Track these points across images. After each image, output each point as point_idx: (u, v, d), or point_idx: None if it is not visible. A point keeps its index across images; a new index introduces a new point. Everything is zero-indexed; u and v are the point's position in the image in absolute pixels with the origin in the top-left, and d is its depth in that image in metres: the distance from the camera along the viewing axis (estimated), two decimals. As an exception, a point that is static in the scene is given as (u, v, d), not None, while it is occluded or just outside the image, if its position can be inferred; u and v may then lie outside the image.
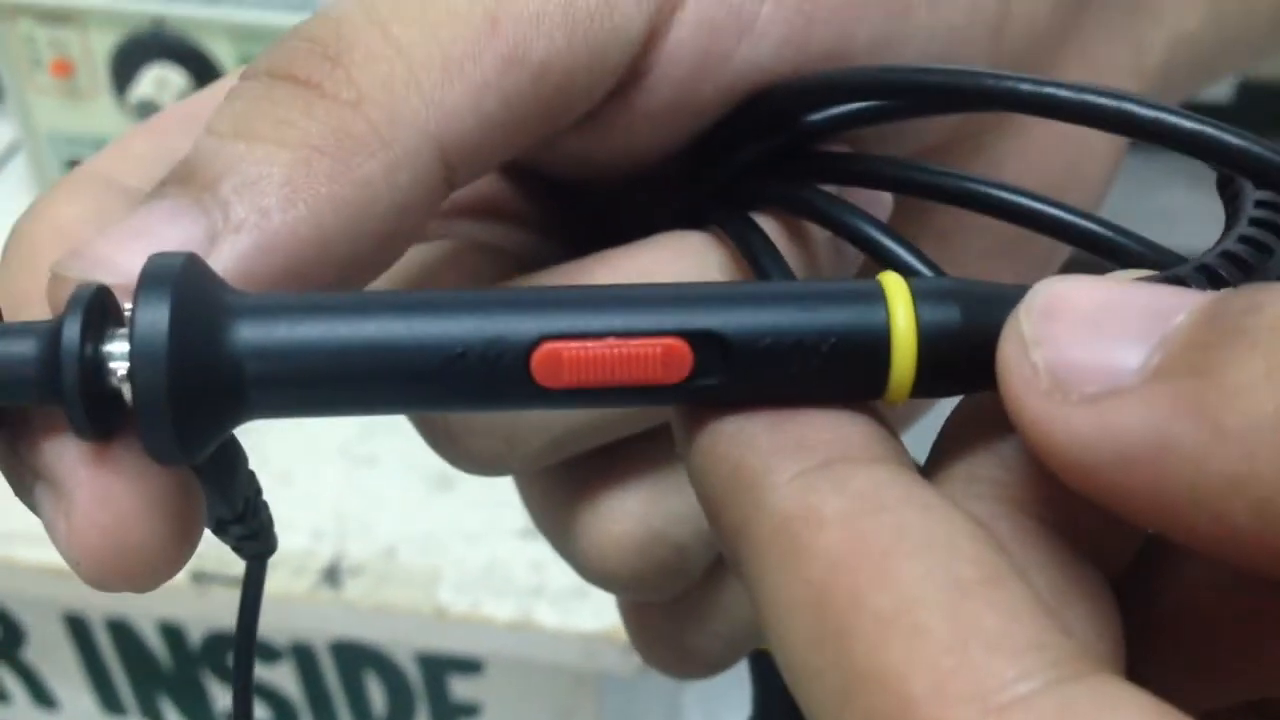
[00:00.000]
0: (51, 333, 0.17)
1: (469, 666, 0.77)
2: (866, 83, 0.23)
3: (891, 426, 0.19)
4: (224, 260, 0.19)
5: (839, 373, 0.18)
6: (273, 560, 0.80)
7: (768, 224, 0.24)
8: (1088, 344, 0.16)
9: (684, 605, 0.28)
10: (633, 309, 0.18)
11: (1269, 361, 0.14)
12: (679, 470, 0.26)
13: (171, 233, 0.19)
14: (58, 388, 0.17)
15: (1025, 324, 0.17)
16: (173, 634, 0.80)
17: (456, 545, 0.74)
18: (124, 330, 0.17)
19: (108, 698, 0.86)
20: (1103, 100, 0.19)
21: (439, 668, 0.78)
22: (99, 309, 0.17)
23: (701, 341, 0.18)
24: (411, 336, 0.17)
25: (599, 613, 0.70)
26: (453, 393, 0.18)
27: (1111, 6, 0.30)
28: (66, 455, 0.18)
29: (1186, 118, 0.19)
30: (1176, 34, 0.31)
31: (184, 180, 0.20)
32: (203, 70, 0.82)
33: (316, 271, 0.19)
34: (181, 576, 0.74)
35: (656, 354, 0.18)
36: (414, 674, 0.79)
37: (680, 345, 0.18)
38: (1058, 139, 0.29)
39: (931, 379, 0.18)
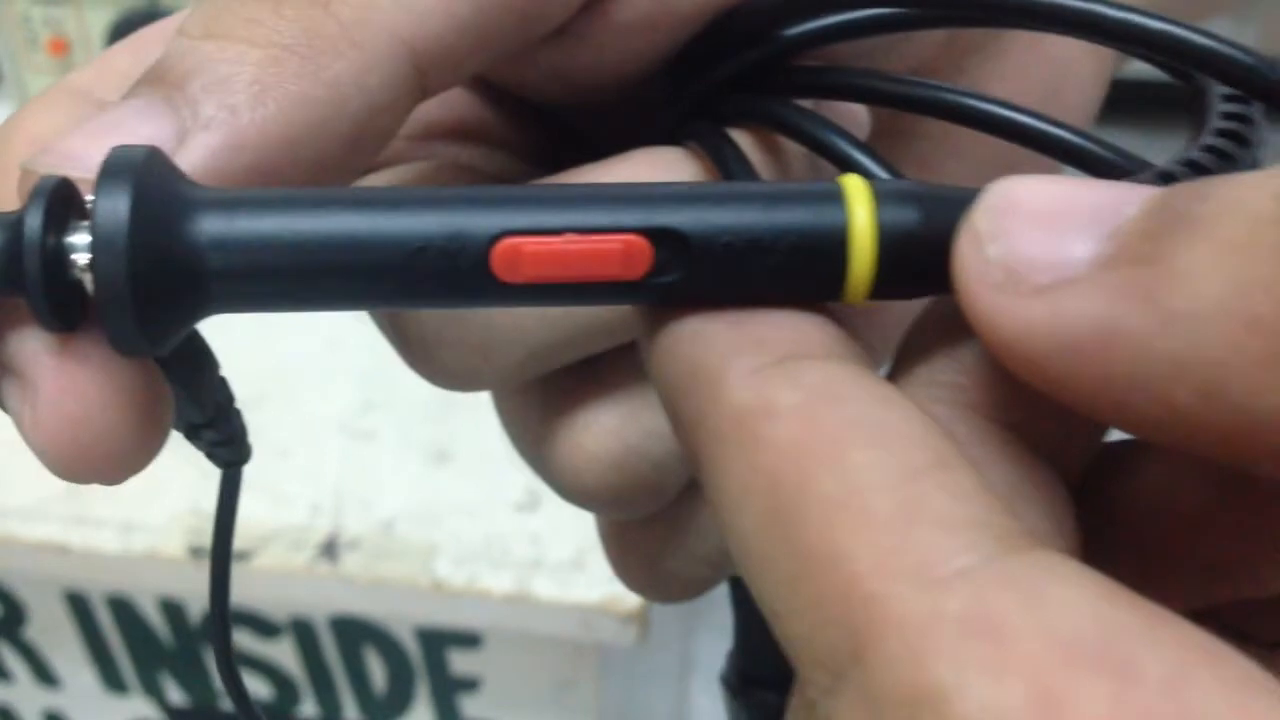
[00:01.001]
0: (13, 224, 0.17)
1: (468, 640, 0.77)
2: None
3: (853, 329, 0.19)
4: (193, 157, 0.19)
5: (798, 271, 0.18)
6: (270, 534, 0.80)
7: (743, 139, 0.24)
8: (1040, 237, 0.16)
9: (661, 524, 0.28)
10: (593, 206, 0.18)
11: (1214, 246, 0.14)
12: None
13: (141, 129, 0.19)
14: (20, 278, 0.17)
15: (980, 219, 0.17)
16: (173, 610, 0.80)
17: (454, 519, 0.74)
18: (86, 222, 0.17)
19: (109, 675, 0.86)
20: (1073, 4, 0.19)
21: (438, 642, 0.78)
22: (62, 201, 0.17)
23: (661, 238, 0.18)
24: (373, 231, 0.18)
25: (597, 584, 0.70)
26: (414, 287, 0.18)
27: None
28: (30, 345, 0.18)
29: (1155, 18, 0.19)
30: None
31: (155, 80, 0.20)
32: (198, 47, 0.82)
33: (285, 171, 0.19)
34: (181, 552, 0.74)
35: (616, 250, 0.18)
36: (413, 648, 0.79)
37: (640, 241, 0.18)
38: (1040, 63, 0.29)
39: (890, 280, 0.18)
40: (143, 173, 0.17)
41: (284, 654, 0.81)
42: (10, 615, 0.84)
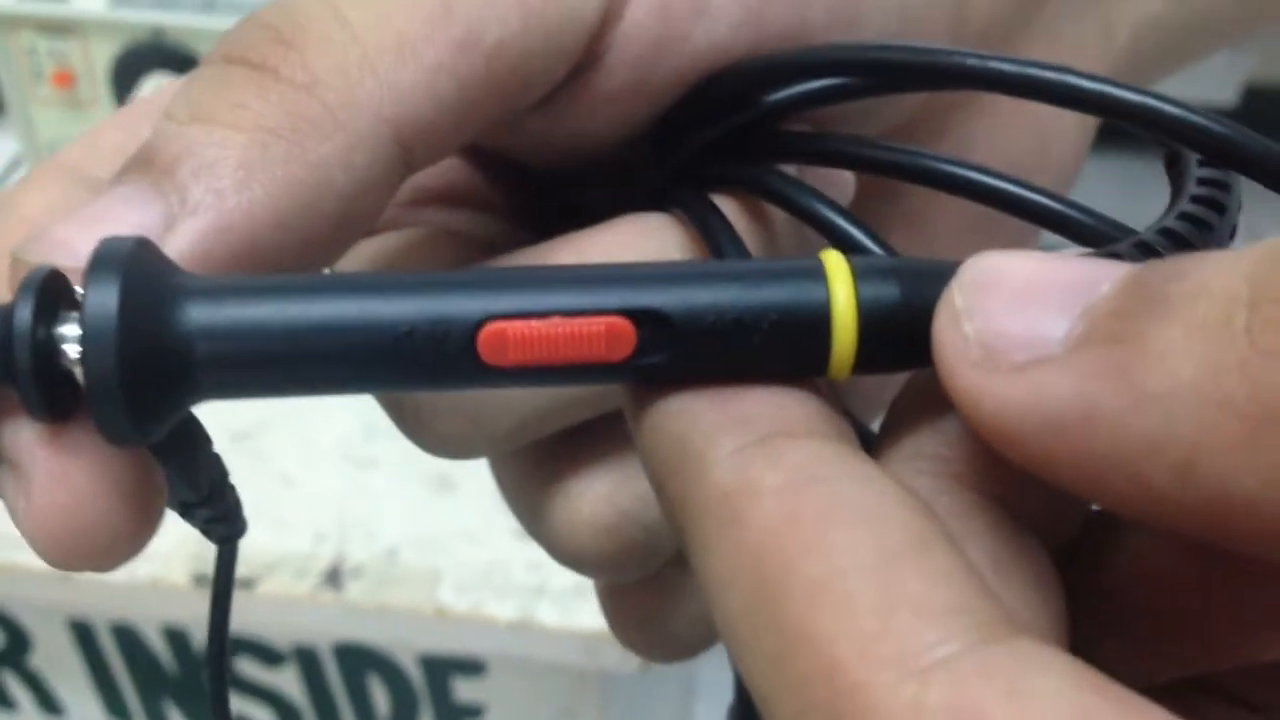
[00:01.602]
0: (4, 316, 0.17)
1: (471, 667, 0.77)
2: (819, 61, 0.23)
3: (838, 404, 0.19)
4: (181, 243, 0.19)
5: (782, 349, 0.18)
6: (274, 562, 0.80)
7: (728, 205, 0.24)
8: (1016, 315, 0.16)
9: (656, 586, 0.29)
10: (576, 288, 0.18)
11: (1188, 326, 0.15)
12: None
13: (130, 216, 0.19)
14: (11, 369, 0.17)
15: (958, 296, 0.17)
16: (177, 638, 0.80)
17: (457, 546, 0.74)
18: (77, 313, 0.17)
19: (113, 703, 0.86)
20: (1046, 74, 0.19)
21: (442, 669, 0.78)
22: (52, 292, 0.18)
23: (644, 319, 0.18)
24: (358, 316, 0.18)
25: (600, 611, 0.70)
26: (401, 372, 0.18)
27: None
28: (23, 436, 0.18)
29: (1128, 89, 0.19)
30: (1142, 16, 0.31)
31: (142, 166, 0.20)
32: (202, 79, 0.83)
33: (273, 253, 0.20)
34: (184, 580, 0.74)
35: (600, 332, 0.18)
36: (417, 676, 0.79)
37: (623, 323, 0.18)
38: (1025, 120, 0.29)
39: (873, 355, 0.18)
40: (131, 264, 0.17)
41: (288, 682, 0.81)
42: (14, 644, 0.84)
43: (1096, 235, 0.21)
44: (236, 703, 0.84)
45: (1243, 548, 0.15)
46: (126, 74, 0.84)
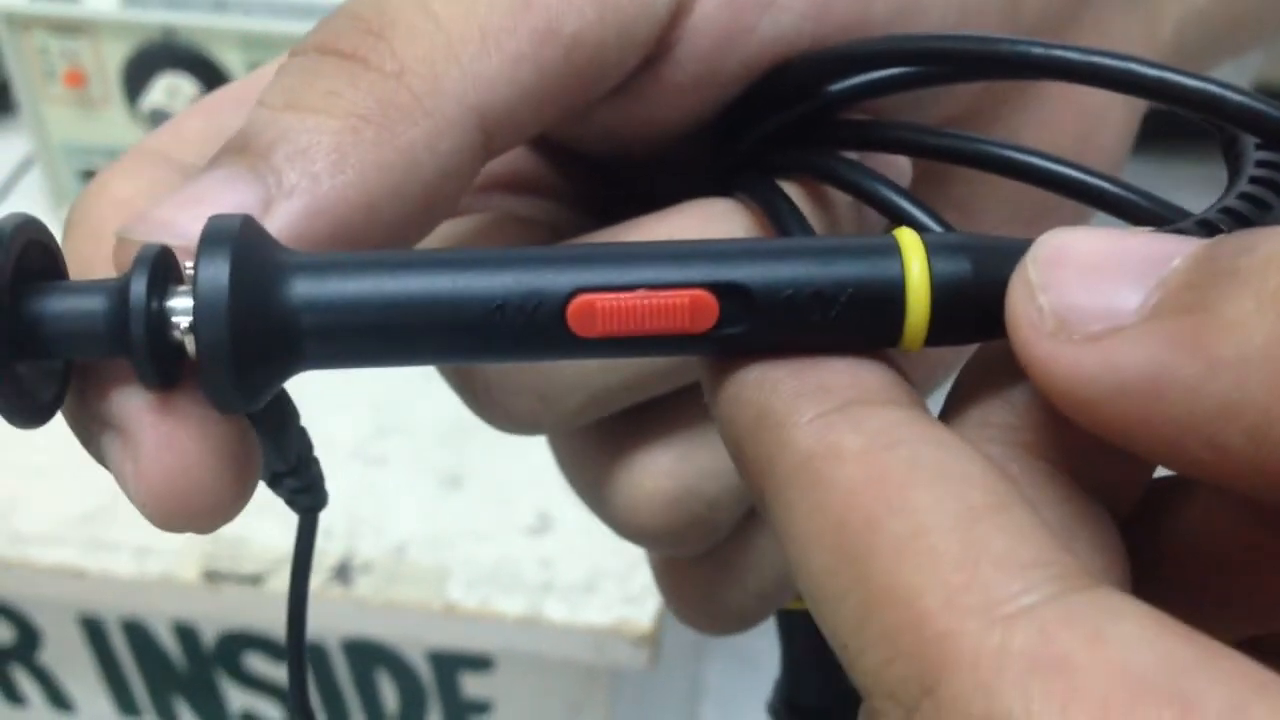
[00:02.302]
0: (119, 289, 0.19)
1: (480, 663, 0.78)
2: (884, 51, 0.24)
3: (906, 374, 0.20)
4: (278, 223, 0.20)
5: (857, 322, 0.19)
6: (283, 557, 0.81)
7: (791, 190, 0.25)
8: (1090, 288, 0.17)
9: (714, 560, 0.29)
10: (661, 262, 0.19)
11: (1259, 296, 0.15)
12: (710, 427, 0.27)
13: (229, 198, 0.20)
14: (125, 341, 0.18)
15: (1032, 271, 0.18)
16: (186, 634, 0.81)
17: (466, 542, 0.74)
18: (185, 287, 0.18)
19: (123, 699, 0.87)
20: (1110, 62, 0.20)
21: (450, 665, 0.78)
22: (162, 268, 0.19)
23: (726, 292, 0.19)
24: (454, 290, 0.19)
25: (608, 607, 0.70)
26: (493, 343, 0.19)
27: None
28: (133, 404, 0.19)
29: (1190, 76, 0.20)
30: (1188, 11, 0.32)
31: (239, 150, 0.21)
32: (213, 79, 0.83)
33: (363, 233, 0.20)
34: (195, 576, 0.74)
35: (684, 304, 0.19)
36: (425, 671, 0.79)
37: (706, 296, 0.19)
38: (1073, 110, 0.30)
39: (944, 328, 0.19)
40: (239, 241, 0.18)
41: (297, 678, 0.81)
42: (25, 639, 0.84)
43: (1153, 218, 0.22)
44: (244, 698, 0.84)
45: None
46: (138, 74, 0.84)
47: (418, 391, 0.79)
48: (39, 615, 0.82)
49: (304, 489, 0.25)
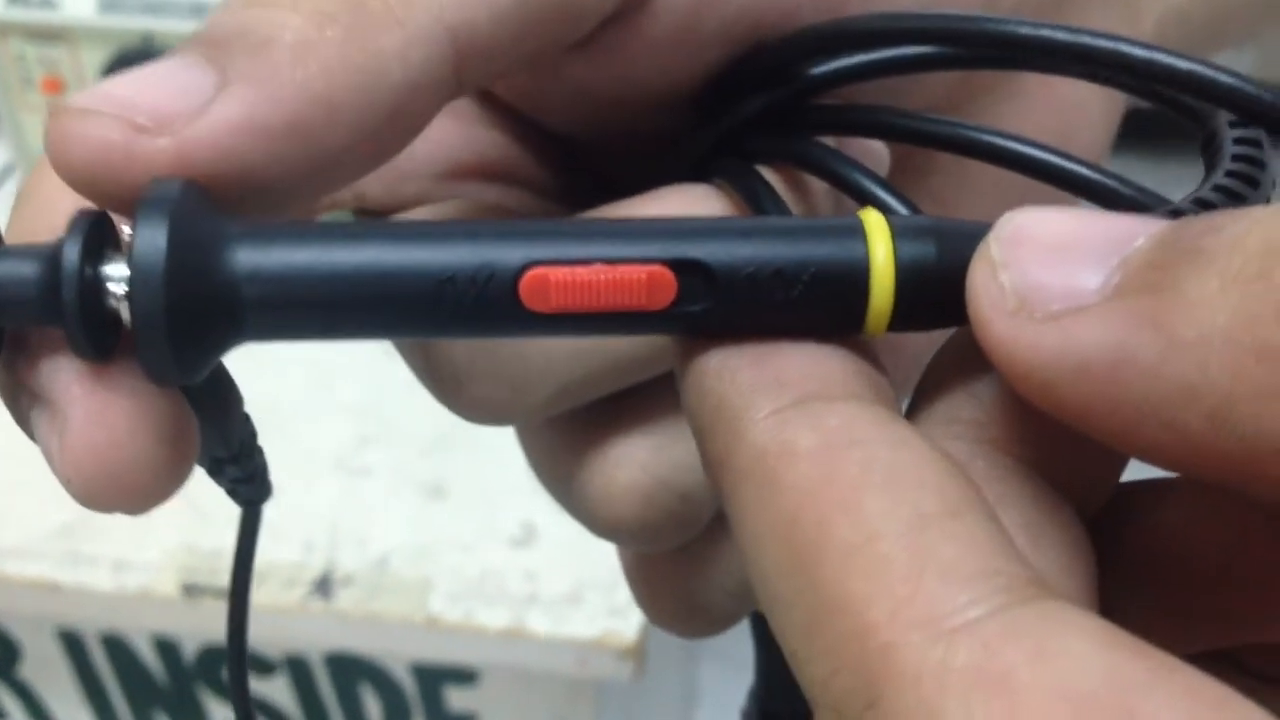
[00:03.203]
0: (52, 255, 0.18)
1: (464, 676, 0.77)
2: (865, 30, 0.23)
3: (878, 363, 0.19)
4: (231, 108, 0.19)
5: (819, 304, 0.19)
6: (264, 571, 0.80)
7: (770, 176, 0.24)
8: (1052, 266, 0.17)
9: (688, 556, 0.29)
10: (619, 238, 0.19)
11: (1223, 276, 0.15)
12: (684, 419, 0.26)
13: (179, 78, 0.19)
14: (57, 308, 0.18)
15: (994, 248, 0.17)
16: (167, 648, 0.80)
17: (449, 554, 0.74)
18: (122, 253, 0.18)
19: (104, 714, 0.86)
20: (1098, 42, 0.20)
21: (434, 678, 0.78)
22: (98, 232, 0.18)
23: (685, 269, 0.18)
24: (402, 261, 0.18)
25: (593, 619, 0.70)
26: (441, 317, 0.18)
27: None
28: (63, 374, 0.19)
29: (1180, 57, 0.19)
30: (1168, 8, 0.32)
31: (196, 43, 0.20)
32: (192, 85, 0.82)
33: (320, 136, 0.19)
34: (174, 590, 0.74)
35: (641, 280, 0.18)
36: (409, 685, 0.79)
37: (664, 272, 0.18)
38: (1052, 105, 0.30)
39: (908, 312, 0.19)
40: (179, 205, 0.17)
41: (279, 691, 0.81)
42: (4, 654, 0.83)
43: (1134, 206, 0.22)
44: (226, 713, 0.83)
45: (1275, 495, 0.15)
46: (116, 81, 0.83)
47: (401, 401, 0.78)
48: (17, 630, 0.82)
49: (246, 479, 0.24)
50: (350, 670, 0.78)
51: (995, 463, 0.18)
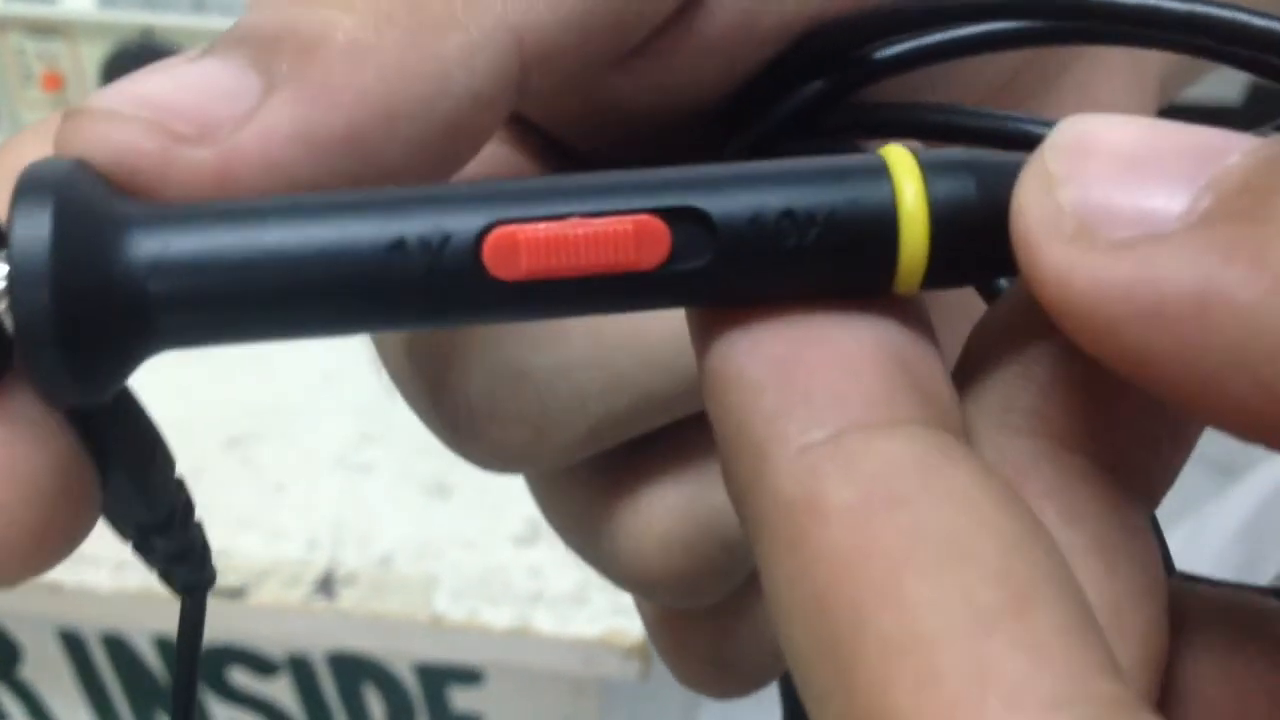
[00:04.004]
0: None
1: (469, 676, 0.76)
2: (936, 8, 0.21)
3: (929, 338, 0.17)
4: (280, 115, 0.16)
5: (839, 254, 0.16)
6: (266, 570, 0.78)
7: None
8: (1124, 184, 0.14)
9: (722, 611, 0.26)
10: (599, 189, 0.16)
11: None
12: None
13: (222, 80, 0.16)
14: None
15: (1051, 159, 0.15)
16: (168, 649, 0.79)
17: (453, 552, 0.73)
18: (3, 251, 0.15)
19: (105, 714, 0.85)
20: (1218, 11, 0.17)
21: (438, 678, 0.77)
22: None
23: (678, 217, 0.16)
24: (341, 231, 0.15)
25: (598, 618, 0.69)
26: (392, 297, 0.15)
27: None
28: None
29: (1257, 14, 0.17)
30: None
31: (234, 42, 0.17)
32: (193, 80, 0.82)
33: (380, 147, 0.17)
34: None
35: (627, 232, 0.16)
36: (413, 685, 0.78)
37: (654, 222, 0.16)
38: (1089, 107, 0.28)
39: (947, 262, 0.16)
40: (67, 188, 0.15)
41: (281, 692, 0.80)
42: (4, 655, 0.83)
43: None
44: (229, 713, 0.82)
45: None
46: (116, 75, 0.82)
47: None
48: (18, 630, 0.81)
49: (179, 555, 0.20)
50: (354, 670, 0.78)
51: (1062, 467, 0.16)
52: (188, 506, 0.20)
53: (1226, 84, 1.12)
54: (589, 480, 0.25)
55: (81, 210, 0.15)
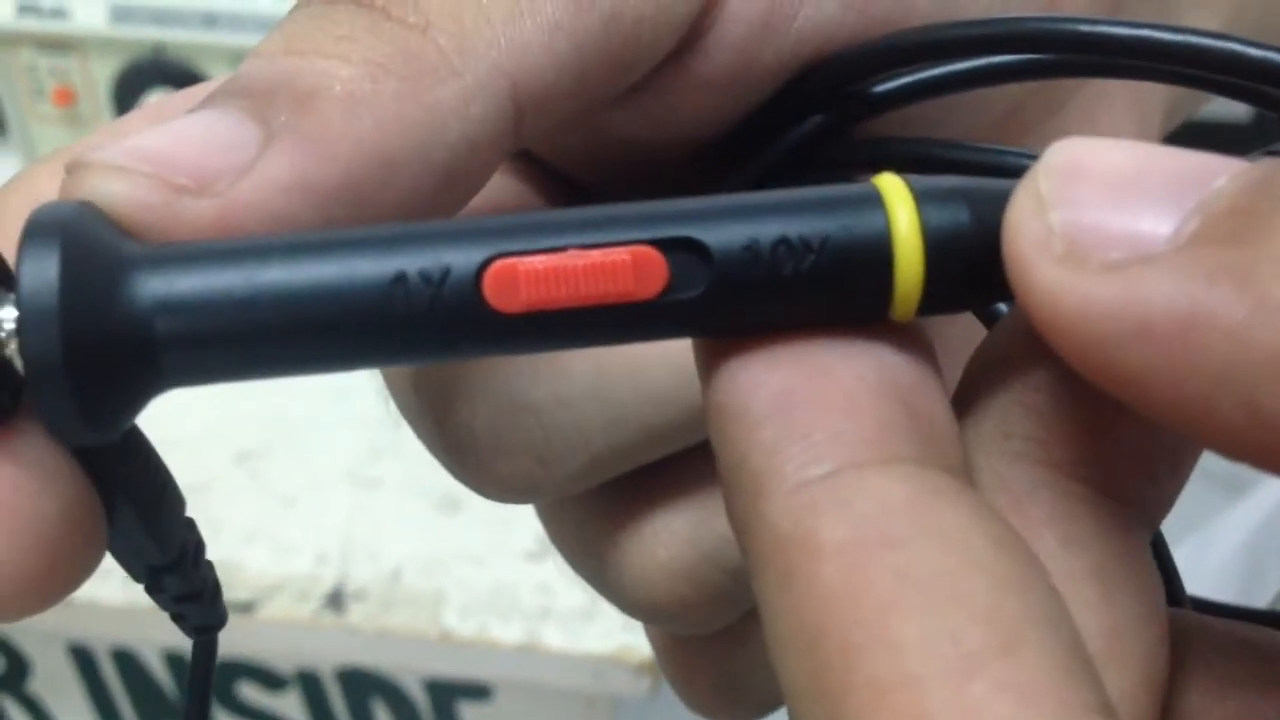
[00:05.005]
0: None
1: (478, 692, 0.76)
2: (935, 40, 0.21)
3: (930, 364, 0.17)
4: (279, 168, 0.17)
5: (835, 282, 0.16)
6: (275, 585, 0.78)
7: None
8: (1113, 207, 0.14)
9: (730, 636, 0.26)
10: (597, 222, 0.16)
11: None
12: None
13: (219, 133, 0.17)
14: None
15: (1042, 182, 0.15)
16: (178, 664, 0.79)
17: (462, 568, 0.73)
18: (12, 294, 0.15)
19: (114, 729, 0.85)
20: (1212, 43, 0.18)
21: (447, 693, 0.77)
22: None
23: (676, 248, 0.16)
24: (343, 267, 0.16)
25: (608, 634, 0.69)
26: (394, 331, 0.16)
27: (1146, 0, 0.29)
28: None
29: (1252, 45, 0.17)
30: (1215, 13, 0.30)
31: (231, 93, 0.18)
32: (204, 95, 0.82)
33: (377, 197, 0.17)
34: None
35: (625, 263, 0.16)
36: (422, 700, 0.78)
37: (651, 253, 0.16)
38: (1119, 125, 0.28)
39: (942, 288, 0.16)
40: (73, 230, 0.15)
41: (290, 706, 0.80)
42: (14, 668, 0.83)
43: None
44: (238, 728, 0.82)
45: None
46: (128, 91, 0.83)
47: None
48: (28, 644, 0.81)
49: (191, 596, 0.21)
50: (362, 685, 0.77)
51: (1062, 493, 0.16)
52: (198, 547, 0.21)
53: (1234, 103, 1.12)
54: (594, 508, 0.25)
55: (88, 252, 0.15)
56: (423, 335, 0.16)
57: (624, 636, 0.69)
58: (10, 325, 0.15)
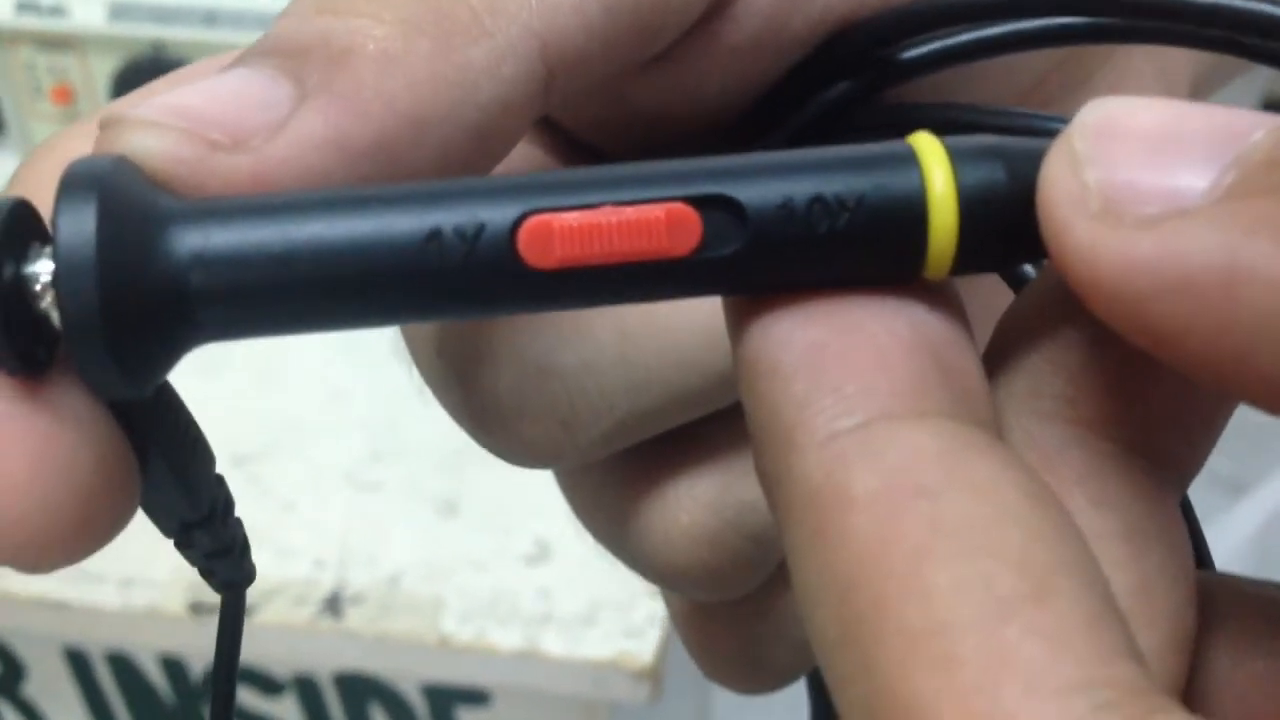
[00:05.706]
0: None
1: (476, 698, 0.76)
2: (962, 4, 0.21)
3: (961, 324, 0.17)
4: (312, 124, 0.17)
5: (869, 240, 0.16)
6: (273, 589, 0.78)
7: None
8: (1149, 163, 0.14)
9: (751, 604, 0.26)
10: (630, 181, 0.16)
11: None
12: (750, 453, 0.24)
13: (252, 91, 0.17)
14: None
15: (1077, 140, 0.15)
16: (174, 667, 0.79)
17: (461, 572, 0.72)
18: (49, 247, 0.15)
19: (109, 733, 0.85)
20: (1260, 7, 0.18)
21: (445, 699, 0.76)
22: (19, 225, 0.16)
23: (710, 205, 0.16)
24: (377, 224, 0.16)
25: (608, 640, 0.68)
26: (429, 287, 0.16)
27: None
28: None
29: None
30: None
31: (264, 52, 0.18)
32: (203, 94, 0.82)
33: (409, 156, 0.18)
34: (182, 608, 0.72)
35: (659, 219, 0.16)
36: (420, 706, 0.77)
37: (685, 210, 0.16)
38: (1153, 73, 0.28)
39: (976, 247, 0.16)
40: (109, 184, 0.15)
41: (287, 711, 0.80)
42: (9, 672, 0.82)
43: None
44: (235, 733, 0.82)
45: None
46: (127, 89, 0.82)
47: (413, 415, 0.77)
48: (23, 648, 0.80)
49: (221, 553, 0.21)
50: (360, 690, 0.77)
51: (1093, 452, 0.16)
52: (228, 503, 0.21)
53: (1242, 94, 1.12)
54: (617, 474, 0.25)
55: (125, 206, 0.15)
56: (457, 291, 0.16)
57: (623, 643, 0.68)
58: (47, 278, 0.15)
